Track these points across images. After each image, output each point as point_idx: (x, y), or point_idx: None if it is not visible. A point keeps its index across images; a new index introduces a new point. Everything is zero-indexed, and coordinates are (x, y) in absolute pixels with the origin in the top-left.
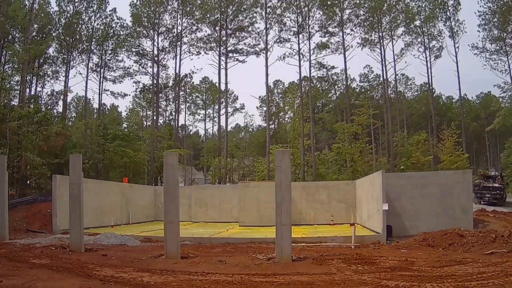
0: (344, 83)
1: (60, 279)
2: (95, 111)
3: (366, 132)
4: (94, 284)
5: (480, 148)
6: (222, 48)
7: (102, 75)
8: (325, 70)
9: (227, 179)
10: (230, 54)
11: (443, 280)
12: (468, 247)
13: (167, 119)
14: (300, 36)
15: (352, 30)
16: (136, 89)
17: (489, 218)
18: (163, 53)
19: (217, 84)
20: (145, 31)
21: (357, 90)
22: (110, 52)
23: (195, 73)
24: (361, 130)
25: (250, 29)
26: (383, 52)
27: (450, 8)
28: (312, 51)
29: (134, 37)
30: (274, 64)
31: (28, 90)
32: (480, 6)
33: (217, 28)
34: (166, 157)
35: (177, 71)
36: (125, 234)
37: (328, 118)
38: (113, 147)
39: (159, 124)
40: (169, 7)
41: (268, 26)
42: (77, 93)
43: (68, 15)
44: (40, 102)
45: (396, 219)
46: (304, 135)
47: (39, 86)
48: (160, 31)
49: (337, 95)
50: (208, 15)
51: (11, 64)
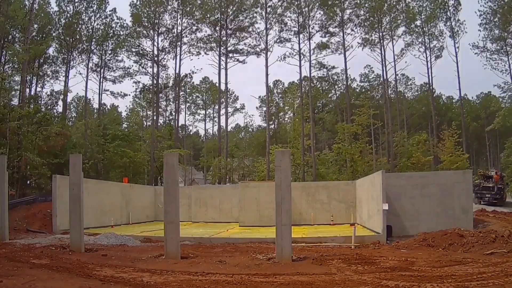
0: (345, 83)
1: (60, 279)
2: (95, 111)
3: (366, 132)
4: (94, 284)
5: (480, 148)
6: (222, 48)
7: (102, 75)
8: (325, 70)
9: (227, 179)
10: (230, 54)
11: (443, 280)
12: (468, 247)
13: (167, 119)
14: (301, 36)
15: (353, 30)
16: (136, 89)
17: (489, 218)
18: (163, 53)
19: (217, 84)
20: (145, 31)
21: (357, 90)
22: (110, 52)
23: (195, 73)
24: (361, 130)
25: (250, 29)
26: (383, 52)
27: (451, 8)
28: (313, 51)
29: (134, 37)
30: (274, 64)
31: (28, 90)
32: (481, 6)
33: (217, 28)
34: (166, 157)
35: (177, 71)
36: (125, 234)
37: (328, 118)
38: (113, 147)
39: (159, 124)
40: (169, 7)
41: (269, 26)
42: (77, 93)
43: (68, 15)
44: (40, 102)
45: (396, 219)
46: (304, 135)
47: (39, 86)
48: (160, 31)
49: (337, 95)
50: (208, 15)
51: (11, 64)
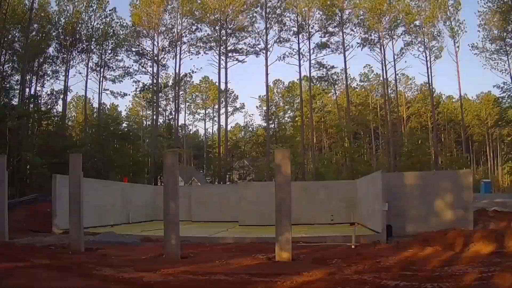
0: (344, 83)
1: (60, 279)
2: (95, 111)
3: (366, 132)
4: (94, 284)
5: (480, 148)
6: (222, 48)
7: (102, 75)
8: (325, 70)
9: (227, 179)
10: (230, 54)
11: (443, 280)
12: (468, 247)
13: (167, 119)
14: (300, 36)
15: (352, 30)
16: (136, 89)
17: (489, 218)
18: (163, 53)
19: (217, 84)
20: (145, 31)
21: (357, 90)
22: (110, 52)
23: (195, 73)
24: (361, 130)
25: (250, 29)
26: (383, 52)
27: (450, 8)
28: (312, 51)
29: (134, 37)
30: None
31: (28, 90)
32: (480, 6)
33: (217, 28)
34: (166, 157)
35: (177, 71)
36: (125, 234)
37: (328, 118)
38: (113, 147)
39: (159, 124)
40: (169, 7)
41: (268, 26)
42: (77, 93)
43: (68, 15)
44: (40, 102)
45: (396, 219)
46: (304, 135)
47: (39, 86)
48: (160, 31)
49: (337, 95)
50: (208, 15)
51: (11, 64)
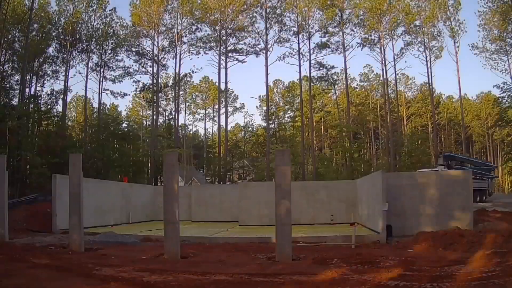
0: (344, 83)
1: (60, 279)
2: (95, 111)
3: (366, 132)
4: (94, 284)
5: (480, 148)
6: (222, 48)
7: (102, 75)
8: (325, 70)
9: (227, 179)
10: (230, 54)
11: (443, 280)
12: (468, 247)
13: (167, 119)
14: (300, 36)
15: (352, 30)
16: (136, 89)
17: (489, 218)
18: (163, 53)
19: (217, 84)
20: (145, 31)
21: (357, 90)
22: (110, 52)
23: (195, 73)
24: (361, 130)
25: (250, 29)
26: (383, 52)
27: (450, 8)
28: (312, 51)
29: (134, 37)
30: (274, 64)
31: (28, 90)
32: (480, 6)
33: (217, 28)
34: (166, 157)
35: (177, 71)
36: (125, 234)
37: (328, 118)
38: (113, 147)
39: (159, 124)
40: (169, 7)
41: (268, 26)
42: (77, 93)
43: (68, 15)
44: (40, 102)
45: (396, 219)
46: (304, 135)
47: (39, 86)
48: (160, 31)
49: (337, 95)
50: (208, 15)
51: (11, 64)
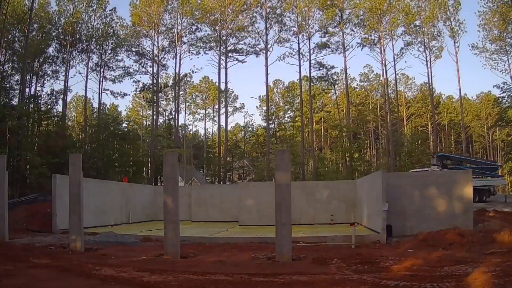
0: (344, 83)
1: (60, 279)
2: (95, 111)
3: (366, 132)
4: (94, 284)
5: (480, 148)
6: (222, 48)
7: (102, 75)
8: (325, 70)
9: (227, 179)
10: (230, 54)
11: (443, 280)
12: (468, 247)
13: (167, 119)
14: (300, 36)
15: (352, 30)
16: (136, 89)
17: (489, 218)
18: (163, 53)
19: (217, 84)
20: (145, 31)
21: (357, 90)
22: (110, 52)
23: (195, 73)
24: (361, 130)
25: (250, 29)
26: (383, 52)
27: (450, 8)
28: (312, 51)
29: (134, 37)
30: (274, 64)
31: (28, 90)
32: (480, 6)
33: (217, 28)
34: (166, 156)
35: (177, 71)
36: (125, 234)
37: (328, 118)
38: (113, 147)
39: (159, 124)
40: (169, 7)
41: (268, 26)
42: (77, 93)
43: (68, 15)
44: (40, 102)
45: (396, 219)
46: (304, 135)
47: (39, 86)
48: (160, 31)
49: (337, 95)
50: (208, 15)
51: (11, 64)
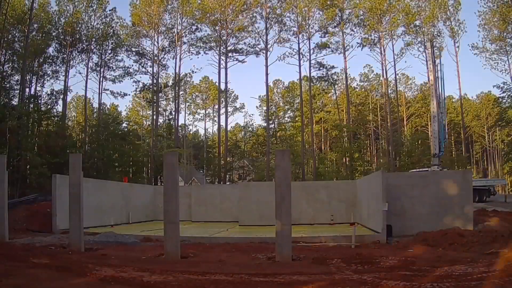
0: (344, 83)
1: (60, 279)
2: (95, 111)
3: (366, 132)
4: (94, 284)
5: (480, 148)
6: (222, 48)
7: (102, 75)
8: (325, 70)
9: (227, 179)
10: (230, 54)
11: (443, 280)
12: (468, 247)
13: (167, 119)
14: (300, 36)
15: (352, 30)
16: (136, 89)
17: (489, 218)
18: (163, 53)
19: (217, 84)
20: (145, 31)
21: (357, 90)
22: (110, 52)
23: (195, 73)
24: (361, 130)
25: (250, 29)
26: (383, 52)
27: (450, 8)
28: (312, 51)
29: (134, 37)
30: (274, 64)
31: (28, 90)
32: (480, 6)
33: (217, 28)
34: (166, 157)
35: (177, 71)
36: (125, 234)
37: (328, 118)
38: (113, 147)
39: (159, 124)
40: (169, 7)
41: (268, 26)
42: (77, 93)
43: (68, 15)
44: (40, 102)
45: (396, 219)
46: (304, 135)
47: (39, 86)
48: (160, 31)
49: (337, 95)
50: (208, 15)
51: (11, 64)
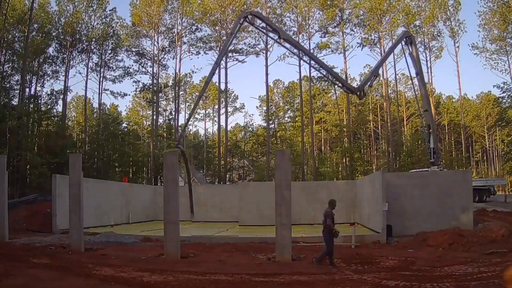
0: None
1: (60, 279)
2: (95, 111)
3: (366, 132)
4: (94, 284)
5: (480, 148)
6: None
7: (102, 75)
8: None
9: (227, 179)
10: (230, 54)
11: (443, 280)
12: (468, 247)
13: (167, 119)
14: (300, 36)
15: (352, 30)
16: (136, 89)
17: (489, 218)
18: (163, 53)
19: (217, 84)
20: (145, 31)
21: None
22: (110, 52)
23: (195, 73)
24: (361, 130)
25: (250, 29)
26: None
27: (450, 8)
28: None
29: (134, 37)
30: (274, 64)
31: (28, 90)
32: (480, 6)
33: (217, 28)
34: (166, 157)
35: (177, 71)
36: (125, 234)
37: (328, 118)
38: (113, 147)
39: (159, 124)
40: (169, 7)
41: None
42: (77, 93)
43: (68, 15)
44: (40, 102)
45: (396, 219)
46: (304, 135)
47: (39, 86)
48: (160, 31)
49: (337, 95)
50: (208, 15)
51: (11, 64)
